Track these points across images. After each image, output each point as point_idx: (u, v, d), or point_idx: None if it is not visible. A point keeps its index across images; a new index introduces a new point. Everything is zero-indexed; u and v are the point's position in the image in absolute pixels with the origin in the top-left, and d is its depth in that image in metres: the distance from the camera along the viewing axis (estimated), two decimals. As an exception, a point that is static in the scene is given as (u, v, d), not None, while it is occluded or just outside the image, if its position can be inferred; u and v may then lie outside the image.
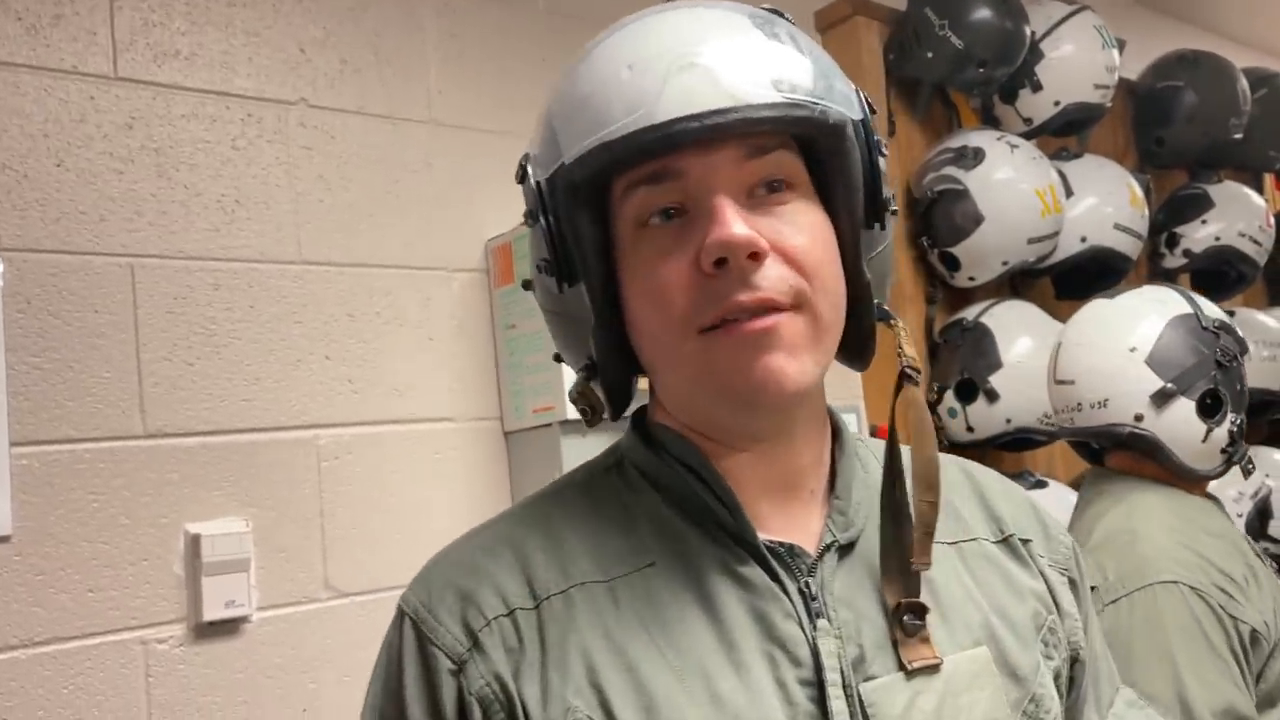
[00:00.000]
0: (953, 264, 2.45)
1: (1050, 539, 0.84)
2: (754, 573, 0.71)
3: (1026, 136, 2.55)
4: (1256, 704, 1.40)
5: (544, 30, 2.18)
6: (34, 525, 1.53)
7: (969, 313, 2.45)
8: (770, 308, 0.67)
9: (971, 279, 2.45)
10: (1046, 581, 0.80)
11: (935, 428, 2.50)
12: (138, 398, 1.64)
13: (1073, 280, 2.70)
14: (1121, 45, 2.67)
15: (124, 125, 1.68)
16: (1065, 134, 2.74)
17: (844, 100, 0.71)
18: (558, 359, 0.82)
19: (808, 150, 0.71)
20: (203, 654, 1.64)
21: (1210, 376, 1.58)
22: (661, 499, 0.75)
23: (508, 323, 2.00)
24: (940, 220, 2.42)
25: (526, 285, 0.81)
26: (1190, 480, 1.62)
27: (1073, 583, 0.83)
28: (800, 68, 0.68)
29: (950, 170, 2.41)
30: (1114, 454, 1.68)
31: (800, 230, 0.69)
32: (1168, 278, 2.96)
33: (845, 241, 0.72)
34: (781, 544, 0.72)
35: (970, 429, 2.37)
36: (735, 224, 0.65)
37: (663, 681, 0.66)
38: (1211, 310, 1.64)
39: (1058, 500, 2.25)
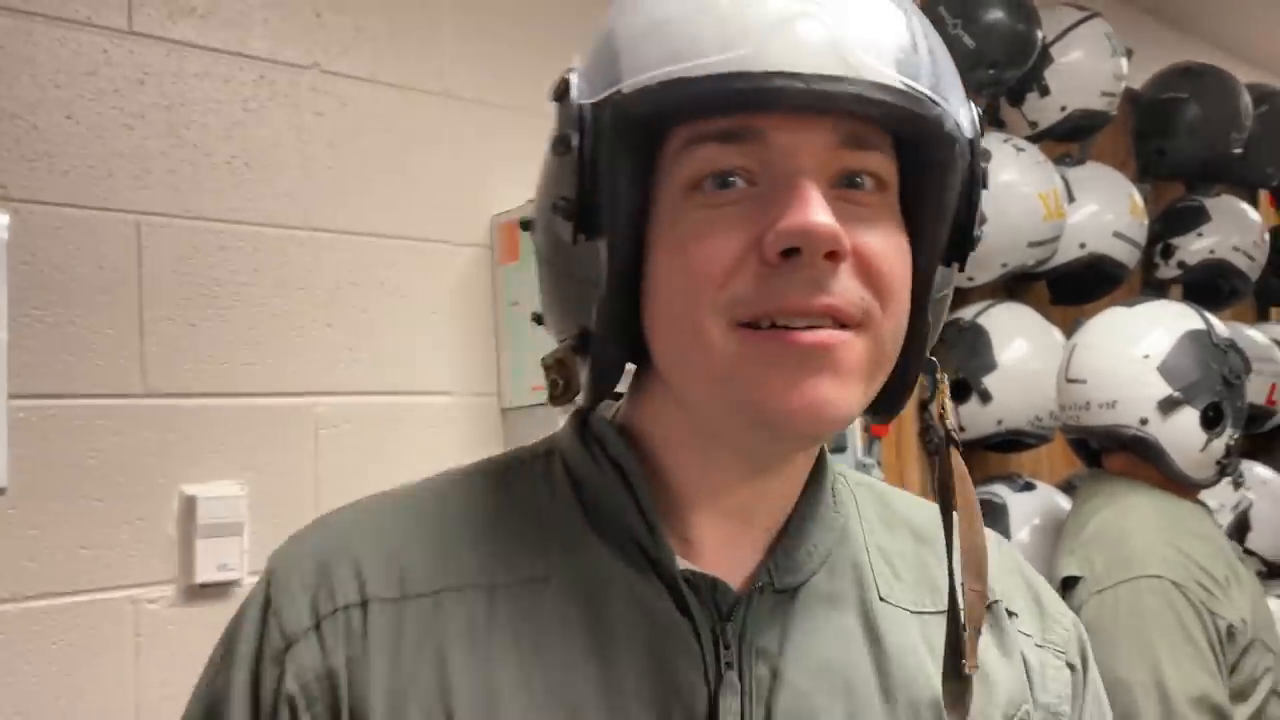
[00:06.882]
0: (952, 263, 2.45)
1: (1045, 618, 0.73)
2: (663, 605, 0.61)
3: (1031, 140, 2.55)
4: (1230, 695, 1.50)
5: (562, 8, 2.17)
6: (29, 479, 1.52)
7: (965, 313, 2.46)
8: (834, 320, 0.56)
9: (970, 279, 2.46)
10: (1025, 665, 0.69)
11: (924, 426, 2.56)
12: (138, 356, 1.63)
13: (1068, 286, 2.72)
14: (1129, 54, 2.68)
15: (136, 81, 1.66)
16: (1069, 140, 2.75)
17: (962, 113, 0.61)
18: (537, 320, 0.71)
19: (904, 160, 0.61)
20: (192, 616, 1.64)
21: (1215, 391, 1.65)
22: (580, 504, 0.65)
23: (511, 300, 1.99)
24: (942, 219, 2.42)
25: (525, 225, 0.70)
26: (1185, 487, 1.66)
27: (1070, 668, 0.72)
28: (927, 59, 0.58)
29: (955, 170, 2.42)
30: (1112, 456, 1.74)
31: (885, 239, 0.59)
32: (1160, 288, 2.98)
33: (918, 273, 0.61)
34: (704, 576, 0.61)
35: (961, 429, 2.38)
36: (819, 211, 0.54)
37: (520, 718, 0.58)
38: (1221, 328, 1.68)
39: (1046, 502, 2.28)
